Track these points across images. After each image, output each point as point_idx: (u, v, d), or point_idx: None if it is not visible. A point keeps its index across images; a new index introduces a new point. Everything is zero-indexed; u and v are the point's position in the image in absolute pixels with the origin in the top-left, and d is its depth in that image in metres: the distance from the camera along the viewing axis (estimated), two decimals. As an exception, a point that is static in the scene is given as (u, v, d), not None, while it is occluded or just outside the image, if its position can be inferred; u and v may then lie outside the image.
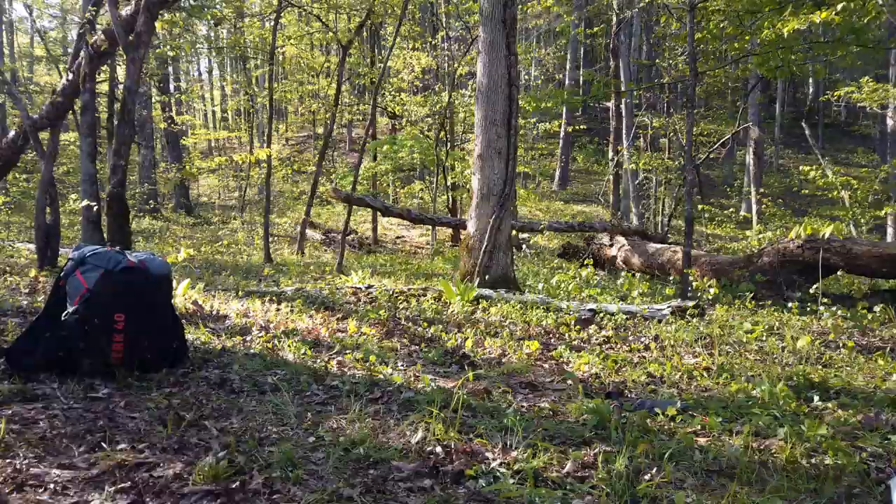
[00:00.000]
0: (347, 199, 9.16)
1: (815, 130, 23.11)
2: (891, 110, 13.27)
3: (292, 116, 28.57)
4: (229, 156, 16.37)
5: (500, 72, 5.68)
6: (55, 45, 17.96)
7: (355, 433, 2.12)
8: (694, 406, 2.50)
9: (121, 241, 4.48)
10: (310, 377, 2.81)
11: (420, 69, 16.57)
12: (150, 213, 16.21)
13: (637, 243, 8.54)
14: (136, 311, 2.61)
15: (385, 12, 13.86)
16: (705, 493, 1.78)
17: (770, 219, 15.40)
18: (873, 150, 19.05)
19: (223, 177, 21.05)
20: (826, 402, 2.58)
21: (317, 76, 18.86)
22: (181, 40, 15.22)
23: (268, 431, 2.14)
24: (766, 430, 2.23)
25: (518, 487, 1.76)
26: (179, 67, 23.87)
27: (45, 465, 1.80)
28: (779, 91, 24.34)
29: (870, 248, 5.41)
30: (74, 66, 6.31)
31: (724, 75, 17.63)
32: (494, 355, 3.42)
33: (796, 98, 28.43)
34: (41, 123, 6.47)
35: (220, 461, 1.85)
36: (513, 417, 2.31)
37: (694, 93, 6.09)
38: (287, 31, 16.10)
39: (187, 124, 20.91)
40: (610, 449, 2.03)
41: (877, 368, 3.20)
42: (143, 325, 2.63)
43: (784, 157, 21.83)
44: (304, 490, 1.73)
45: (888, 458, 2.02)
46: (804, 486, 1.82)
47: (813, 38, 9.84)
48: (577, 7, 19.09)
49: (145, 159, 16.62)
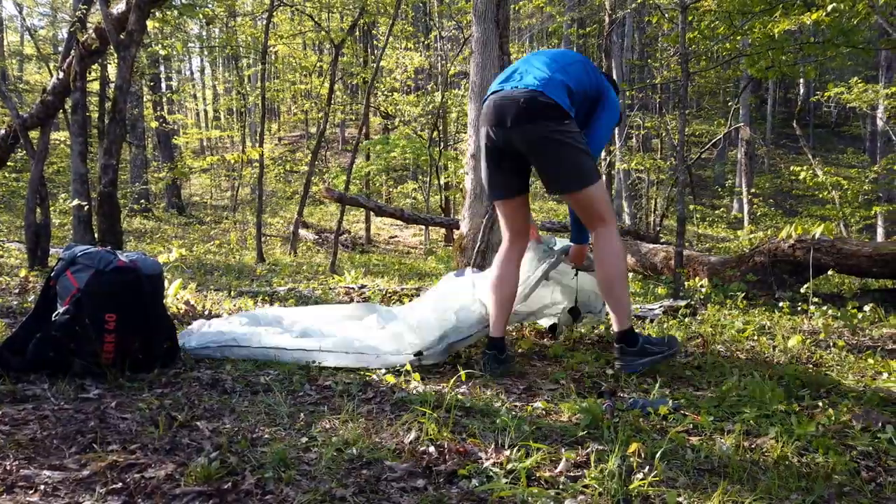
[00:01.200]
0: (340, 198, 9.15)
1: (806, 131, 23.27)
2: (880, 111, 13.37)
3: (285, 116, 28.50)
4: (221, 155, 16.31)
5: (493, 72, 5.67)
6: (45, 43, 17.84)
7: (348, 433, 2.11)
8: (686, 405, 2.52)
9: (112, 240, 4.46)
10: (302, 377, 2.80)
11: (413, 69, 16.57)
12: (142, 212, 16.13)
13: (629, 243, 8.57)
14: (127, 311, 2.59)
15: (378, 11, 13.85)
16: (697, 491, 1.79)
17: (761, 219, 15.50)
18: (863, 150, 19.19)
19: (215, 176, 20.98)
20: (816, 400, 2.60)
21: (309, 75, 18.83)
22: (173, 39, 15.14)
23: (260, 432, 2.13)
24: (758, 429, 2.24)
25: (511, 487, 1.76)
26: (171, 66, 23.76)
27: (36, 467, 1.79)
28: (770, 92, 24.49)
29: (860, 248, 5.45)
30: (65, 64, 6.27)
31: (715, 76, 17.73)
32: (487, 355, 3.42)
33: (787, 98, 28.61)
34: (31, 122, 6.43)
35: (212, 462, 1.84)
36: (506, 417, 2.31)
37: (686, 93, 6.12)
38: (280, 30, 16.06)
39: (179, 123, 20.82)
40: (602, 448, 2.04)
41: (867, 367, 3.22)
42: (134, 326, 2.62)
43: (775, 158, 21.98)
44: (296, 490, 1.73)
45: (878, 457, 2.03)
46: (795, 484, 1.83)
47: (803, 40, 9.91)
48: (569, 8, 19.12)
49: (136, 158, 16.54)
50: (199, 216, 17.70)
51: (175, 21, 10.86)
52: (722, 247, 13.44)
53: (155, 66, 17.12)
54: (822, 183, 11.24)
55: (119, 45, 4.41)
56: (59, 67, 6.48)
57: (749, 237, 12.45)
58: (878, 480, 1.86)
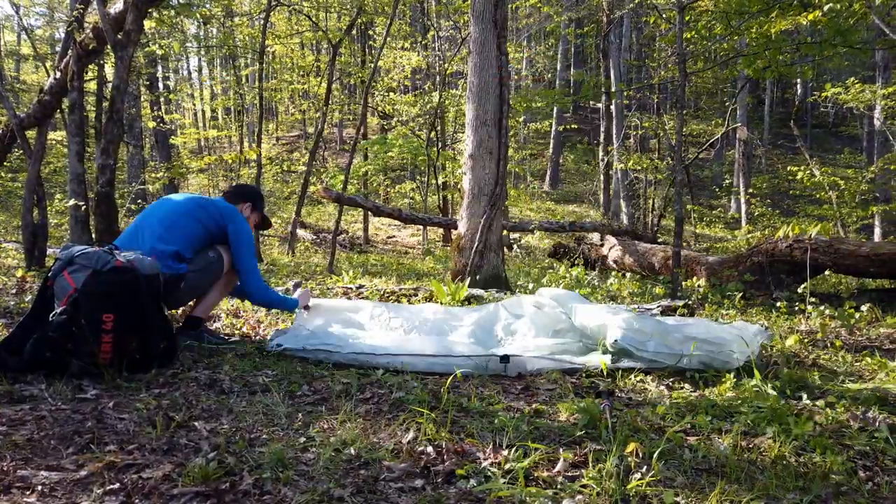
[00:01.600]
0: (338, 198, 9.14)
1: (804, 131, 23.30)
2: (877, 111, 13.40)
3: (283, 116, 28.47)
4: (219, 155, 16.28)
5: (491, 72, 5.68)
6: (42, 43, 17.81)
7: (346, 433, 2.11)
8: (683, 404, 2.52)
9: (109, 240, 4.45)
10: (300, 377, 2.80)
11: (410, 69, 16.55)
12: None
13: (627, 243, 8.58)
14: (124, 312, 2.59)
15: (375, 11, 13.84)
16: (694, 491, 1.79)
17: (759, 219, 15.52)
18: (860, 150, 19.23)
19: (213, 176, 20.95)
20: (814, 400, 2.60)
21: (307, 75, 18.82)
22: (170, 39, 15.12)
23: (258, 432, 2.13)
24: (755, 429, 2.25)
25: (509, 487, 1.77)
26: (168, 66, 23.72)
27: (33, 468, 1.79)
28: (767, 92, 24.52)
29: (857, 248, 5.46)
30: (62, 64, 6.25)
31: (713, 76, 17.76)
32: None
33: (785, 99, 28.65)
34: (28, 122, 6.41)
35: (210, 462, 1.84)
36: (504, 417, 2.31)
37: (683, 93, 6.13)
38: (277, 30, 16.03)
39: (176, 123, 20.77)
40: (600, 448, 2.04)
41: (865, 367, 3.22)
42: (132, 326, 2.61)
43: (772, 158, 22.01)
44: (294, 490, 1.73)
45: (875, 457, 2.04)
46: (792, 483, 1.83)
47: (800, 40, 9.92)
48: (567, 8, 19.14)
49: (134, 158, 16.50)
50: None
51: (172, 21, 10.84)
52: (719, 247, 13.45)
53: (152, 65, 17.09)
54: (819, 183, 11.26)
55: (116, 44, 4.40)
56: (56, 67, 6.46)
57: (747, 237, 12.46)
58: (875, 480, 1.87)
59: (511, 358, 2.98)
